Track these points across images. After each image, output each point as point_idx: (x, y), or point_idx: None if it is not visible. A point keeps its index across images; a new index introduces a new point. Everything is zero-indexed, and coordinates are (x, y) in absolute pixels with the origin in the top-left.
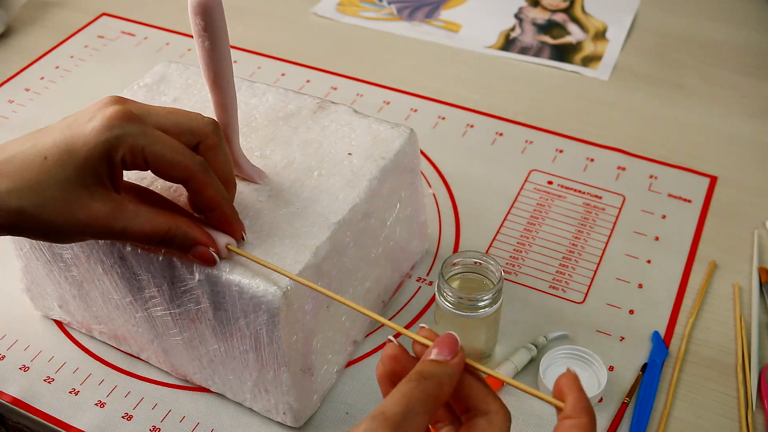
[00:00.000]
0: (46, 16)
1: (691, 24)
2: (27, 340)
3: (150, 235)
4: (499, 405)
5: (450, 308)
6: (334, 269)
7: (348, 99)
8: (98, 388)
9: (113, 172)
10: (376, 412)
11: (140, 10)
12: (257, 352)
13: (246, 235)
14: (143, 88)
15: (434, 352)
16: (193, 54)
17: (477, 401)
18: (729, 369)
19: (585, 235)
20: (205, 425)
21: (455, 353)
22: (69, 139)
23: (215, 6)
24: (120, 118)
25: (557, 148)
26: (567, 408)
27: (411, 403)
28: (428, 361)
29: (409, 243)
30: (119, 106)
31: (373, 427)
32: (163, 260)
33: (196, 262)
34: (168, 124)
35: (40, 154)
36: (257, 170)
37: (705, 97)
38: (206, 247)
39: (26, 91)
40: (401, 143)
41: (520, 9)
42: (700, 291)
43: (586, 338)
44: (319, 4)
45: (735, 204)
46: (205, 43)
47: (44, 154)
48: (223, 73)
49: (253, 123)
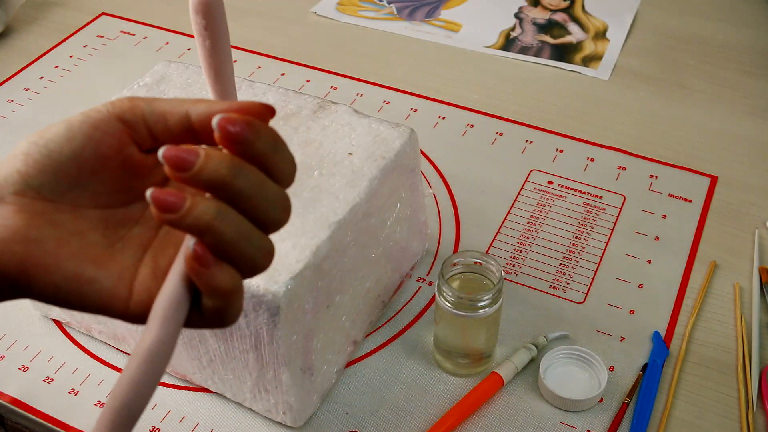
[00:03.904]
0: (46, 15)
1: (691, 24)
2: (26, 340)
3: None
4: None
5: (450, 308)
6: (335, 269)
7: (348, 99)
8: (98, 388)
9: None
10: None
11: (140, 10)
12: (257, 351)
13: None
14: (143, 88)
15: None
16: (192, 54)
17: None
18: (729, 369)
19: (585, 235)
20: (205, 425)
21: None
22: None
23: (216, 4)
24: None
25: (557, 148)
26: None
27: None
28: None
29: (409, 243)
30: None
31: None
32: None
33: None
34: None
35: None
36: None
37: (705, 96)
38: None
39: (25, 90)
40: (401, 143)
41: (520, 8)
42: (700, 291)
43: (587, 338)
44: (319, 4)
45: (735, 204)
46: (206, 42)
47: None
48: (224, 72)
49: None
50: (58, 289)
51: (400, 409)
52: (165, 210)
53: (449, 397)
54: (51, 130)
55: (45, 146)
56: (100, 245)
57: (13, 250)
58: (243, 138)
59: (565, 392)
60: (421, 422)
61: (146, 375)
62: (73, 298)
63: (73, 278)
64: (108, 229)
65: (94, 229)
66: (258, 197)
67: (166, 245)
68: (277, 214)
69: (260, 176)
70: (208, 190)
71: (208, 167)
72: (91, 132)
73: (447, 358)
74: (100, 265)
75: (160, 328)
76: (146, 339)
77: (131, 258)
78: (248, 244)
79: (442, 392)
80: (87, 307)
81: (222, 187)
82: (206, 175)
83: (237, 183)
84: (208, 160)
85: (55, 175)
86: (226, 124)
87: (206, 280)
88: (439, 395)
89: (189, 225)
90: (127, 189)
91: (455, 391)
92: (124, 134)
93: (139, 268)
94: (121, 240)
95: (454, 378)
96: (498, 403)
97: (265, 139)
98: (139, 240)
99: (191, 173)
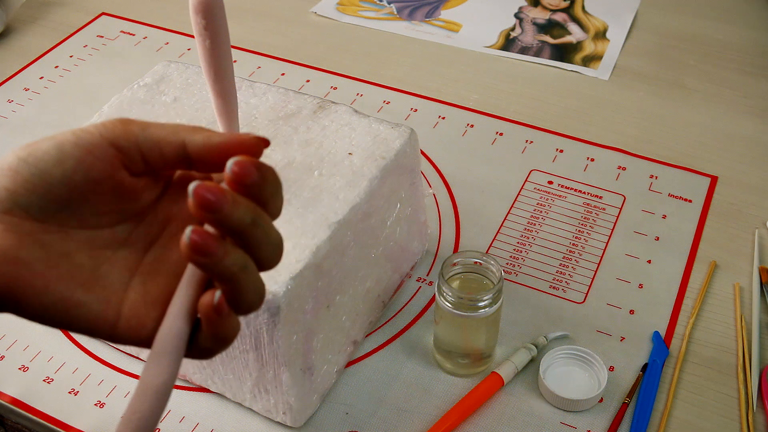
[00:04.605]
0: (46, 15)
1: (691, 24)
2: (26, 340)
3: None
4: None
5: (450, 308)
6: (335, 269)
7: (348, 99)
8: (98, 388)
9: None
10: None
11: (140, 10)
12: (257, 351)
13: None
14: (143, 88)
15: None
16: (192, 53)
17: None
18: (730, 369)
19: (585, 235)
20: (205, 425)
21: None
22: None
23: (216, 4)
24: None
25: (557, 148)
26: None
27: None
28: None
29: (409, 243)
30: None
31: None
32: None
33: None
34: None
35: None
36: None
37: (705, 96)
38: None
39: (25, 90)
40: (401, 143)
41: (520, 8)
42: (700, 291)
43: (587, 338)
44: (319, 4)
45: (735, 204)
46: (206, 42)
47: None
48: (224, 72)
49: (253, 123)
50: (45, 311)
51: (400, 409)
52: (200, 253)
53: (449, 397)
54: (41, 148)
55: (35, 165)
56: (87, 267)
57: (2, 270)
58: (252, 182)
59: (565, 392)
60: (421, 422)
61: (159, 409)
62: (60, 320)
63: (60, 301)
64: (94, 251)
65: (81, 251)
66: (267, 244)
67: (155, 272)
68: (277, 257)
69: (269, 222)
70: (226, 231)
71: (235, 214)
72: (83, 156)
73: (447, 358)
74: (87, 289)
75: (172, 365)
76: (159, 375)
77: (118, 282)
78: (254, 293)
79: (442, 392)
80: (73, 328)
81: (240, 233)
82: (231, 220)
83: (255, 231)
84: (236, 207)
85: (45, 196)
86: (241, 169)
87: (216, 328)
88: (439, 395)
89: (218, 272)
90: (114, 211)
91: (455, 391)
92: (116, 159)
93: (126, 292)
94: (107, 262)
95: (454, 378)
96: (498, 403)
97: (272, 181)
98: (125, 263)
99: (218, 216)
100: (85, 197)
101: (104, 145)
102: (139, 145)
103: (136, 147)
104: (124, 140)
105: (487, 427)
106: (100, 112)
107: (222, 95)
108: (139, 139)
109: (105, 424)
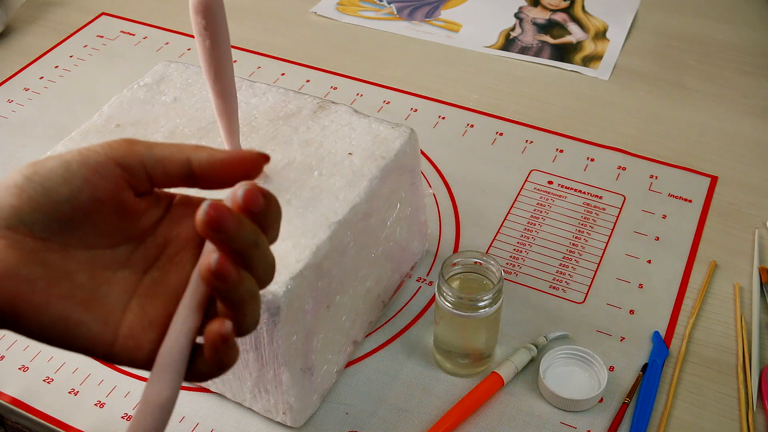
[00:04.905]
0: (46, 15)
1: (691, 24)
2: (26, 340)
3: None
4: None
5: (450, 308)
6: (335, 269)
7: (348, 99)
8: (98, 389)
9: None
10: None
11: (140, 10)
12: (257, 351)
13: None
14: (143, 88)
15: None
16: (192, 53)
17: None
18: (729, 369)
19: (585, 235)
20: (204, 425)
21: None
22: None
23: (216, 4)
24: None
25: (557, 148)
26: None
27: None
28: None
29: (409, 243)
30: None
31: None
32: None
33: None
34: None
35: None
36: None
37: (705, 96)
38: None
39: (25, 90)
40: (401, 143)
41: (520, 8)
42: (700, 291)
43: (587, 338)
44: (319, 4)
45: (735, 204)
46: (206, 42)
47: None
48: (224, 72)
49: (253, 123)
50: (44, 329)
51: (400, 409)
52: (219, 279)
53: (449, 397)
54: (46, 166)
55: (41, 184)
56: (87, 287)
57: (3, 286)
58: (258, 210)
59: (565, 392)
60: (421, 422)
61: (162, 425)
62: (59, 339)
63: (60, 320)
64: (94, 271)
65: (82, 271)
66: (264, 264)
67: (154, 295)
68: (270, 278)
69: (267, 245)
70: (230, 252)
71: (241, 234)
72: (89, 175)
73: (447, 358)
74: (87, 308)
75: (174, 382)
76: (162, 391)
77: (117, 303)
78: (253, 318)
79: (442, 392)
80: (71, 347)
81: (242, 253)
82: (236, 240)
83: (255, 252)
84: (243, 228)
85: (49, 215)
86: (248, 197)
87: (220, 355)
88: (439, 395)
89: (231, 298)
90: (116, 232)
91: (455, 391)
92: (121, 179)
93: (125, 313)
94: (107, 282)
95: (454, 378)
96: (498, 403)
97: (274, 210)
98: (124, 284)
99: (226, 236)
100: (88, 216)
101: (110, 164)
102: (145, 163)
103: (141, 166)
104: (130, 159)
105: (487, 427)
106: (100, 112)
107: (222, 95)
108: (145, 158)
109: (105, 424)
